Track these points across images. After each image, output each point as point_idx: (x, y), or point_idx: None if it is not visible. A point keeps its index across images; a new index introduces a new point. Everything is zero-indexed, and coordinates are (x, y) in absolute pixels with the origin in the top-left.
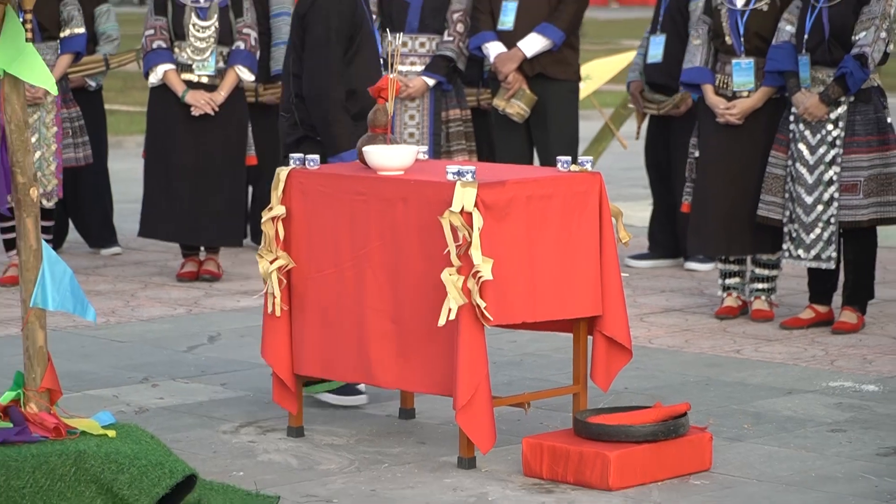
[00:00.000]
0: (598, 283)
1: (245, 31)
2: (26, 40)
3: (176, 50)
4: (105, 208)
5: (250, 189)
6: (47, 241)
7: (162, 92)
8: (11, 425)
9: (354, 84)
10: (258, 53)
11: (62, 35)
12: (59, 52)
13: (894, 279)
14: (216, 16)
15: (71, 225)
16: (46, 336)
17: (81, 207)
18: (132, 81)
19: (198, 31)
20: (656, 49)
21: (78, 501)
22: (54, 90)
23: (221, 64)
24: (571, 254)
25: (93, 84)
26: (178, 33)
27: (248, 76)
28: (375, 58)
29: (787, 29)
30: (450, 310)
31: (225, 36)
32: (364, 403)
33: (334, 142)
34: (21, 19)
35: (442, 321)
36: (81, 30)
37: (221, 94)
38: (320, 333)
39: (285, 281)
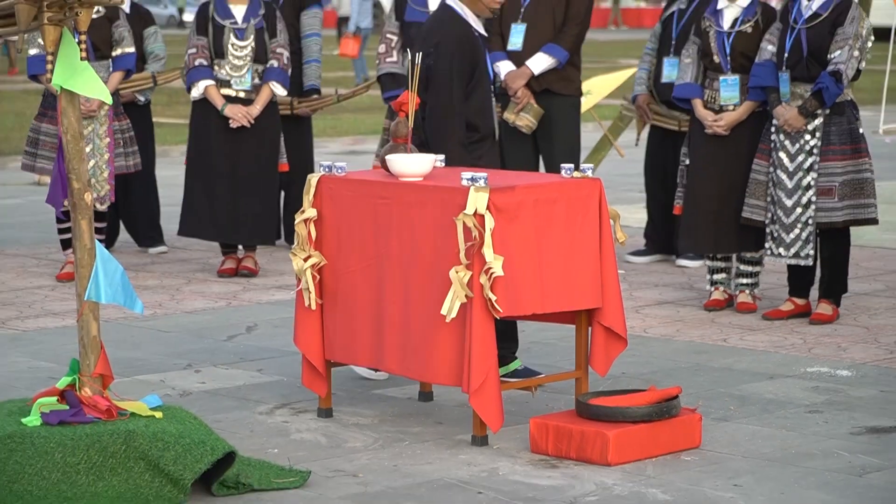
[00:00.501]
0: (598, 279)
1: (278, 50)
2: (81, 59)
3: (216, 67)
4: (152, 211)
5: (282, 193)
6: (100, 240)
7: (203, 105)
8: (68, 407)
9: (472, 117)
10: (290, 70)
11: (114, 54)
12: (111, 69)
13: (866, 275)
14: (252, 36)
15: (122, 226)
16: (99, 326)
17: (131, 210)
18: (177, 97)
19: (236, 50)
20: (671, 70)
21: (128, 476)
22: (109, 100)
23: (257, 80)
24: (574, 252)
25: (142, 99)
26: (218, 52)
27: (280, 91)
28: (488, 91)
29: (768, 48)
30: (452, 303)
31: (260, 55)
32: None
33: None
34: (76, 40)
35: (450, 316)
36: (131, 49)
37: (257, 108)
38: (349, 324)
39: (318, 277)
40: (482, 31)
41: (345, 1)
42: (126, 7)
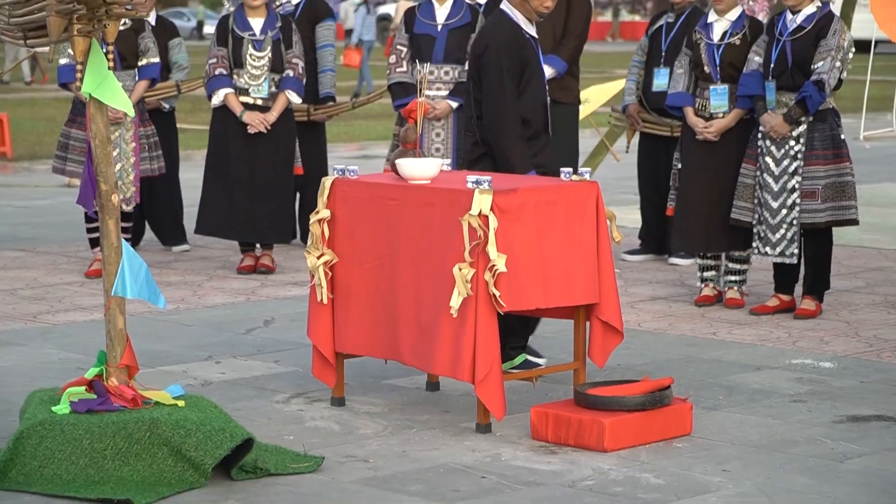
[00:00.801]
0: (596, 276)
1: (294, 60)
2: (108, 68)
3: (234, 76)
4: (176, 212)
5: (298, 195)
6: (126, 239)
7: (223, 112)
8: (95, 396)
9: (526, 113)
10: (305, 80)
11: (140, 64)
12: (137, 78)
13: (847, 272)
14: (269, 47)
15: (147, 226)
16: (125, 320)
17: (156, 211)
18: (199, 104)
19: (254, 60)
20: (661, 80)
21: (152, 462)
22: (131, 112)
23: (273, 88)
24: (573, 250)
25: (167, 106)
26: (237, 62)
27: (296, 99)
28: (541, 88)
29: (755, 59)
30: (458, 297)
31: (277, 64)
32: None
33: (513, 168)
34: (104, 50)
35: (454, 310)
36: (156, 59)
37: (273, 115)
38: (360, 318)
39: (330, 273)
40: (533, 33)
41: (350, 14)
42: (152, 20)
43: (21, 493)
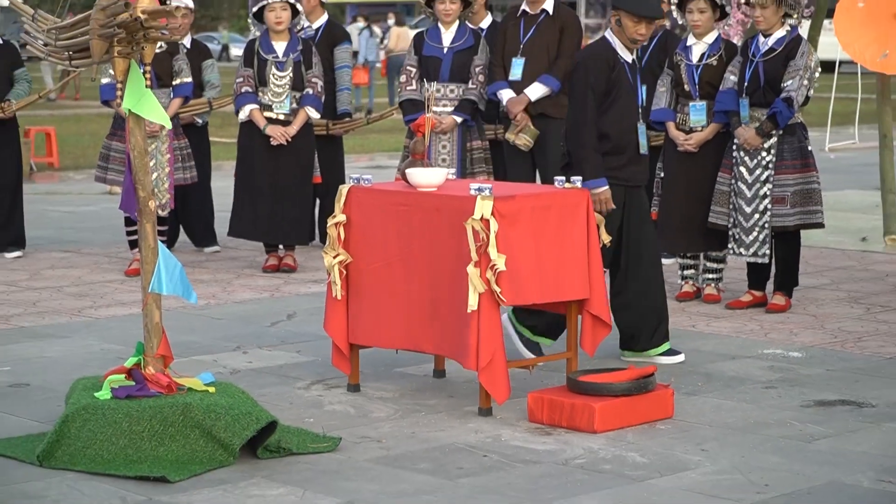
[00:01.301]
0: (586, 273)
1: (313, 80)
2: (146, 87)
3: (259, 93)
4: (207, 216)
5: (318, 201)
6: (162, 241)
7: (249, 126)
8: (134, 383)
9: (607, 128)
10: (323, 97)
11: (174, 83)
12: (171, 96)
13: (814, 271)
14: (291, 68)
15: (181, 229)
16: (161, 314)
17: (189, 216)
18: (229, 119)
19: (276, 79)
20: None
21: (185, 442)
22: (168, 125)
23: (294, 105)
24: (565, 251)
25: (199, 121)
26: (262, 81)
27: (314, 115)
28: (631, 111)
29: (731, 78)
30: (474, 292)
31: (297, 83)
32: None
33: (584, 174)
34: (142, 70)
35: (471, 307)
36: (189, 79)
37: (294, 129)
38: (372, 312)
39: (345, 272)
40: (629, 59)
41: (355, 37)
42: (187, 42)
43: (66, 471)
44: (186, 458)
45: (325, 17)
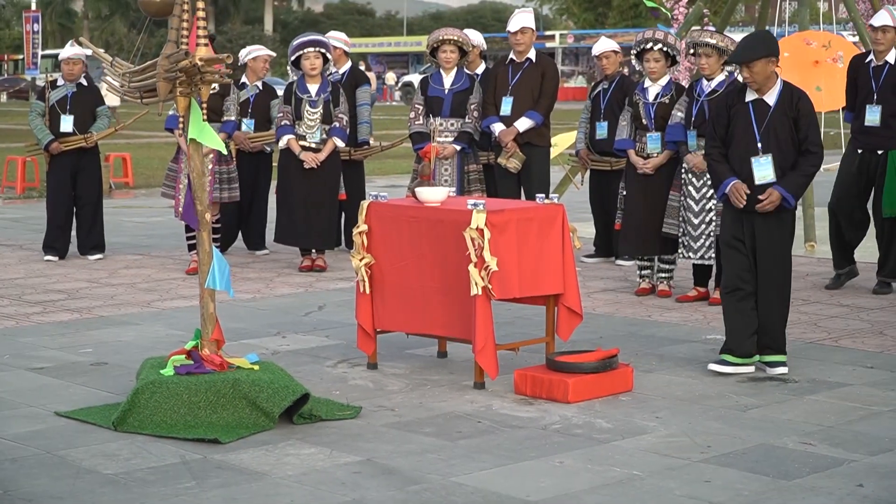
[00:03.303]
0: (561, 273)
1: (339, 115)
2: (203, 119)
3: (296, 126)
4: (262, 226)
5: (343, 214)
6: (216, 246)
7: (287, 152)
8: (193, 362)
9: (726, 150)
10: (348, 129)
11: (221, 120)
12: (218, 131)
13: None
14: (321, 105)
15: (240, 235)
16: (215, 306)
17: (247, 225)
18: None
19: (310, 115)
20: (602, 131)
21: (234, 410)
22: (223, 150)
23: (324, 136)
24: (545, 254)
25: (268, 149)
26: (298, 116)
27: (340, 144)
28: (745, 146)
29: (678, 115)
30: (477, 285)
31: (327, 118)
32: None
33: (714, 181)
34: (200, 106)
35: (473, 292)
36: (232, 118)
37: (323, 155)
38: (392, 303)
39: (369, 271)
40: (752, 97)
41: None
42: (259, 84)
43: (136, 434)
44: (235, 424)
45: (348, 64)
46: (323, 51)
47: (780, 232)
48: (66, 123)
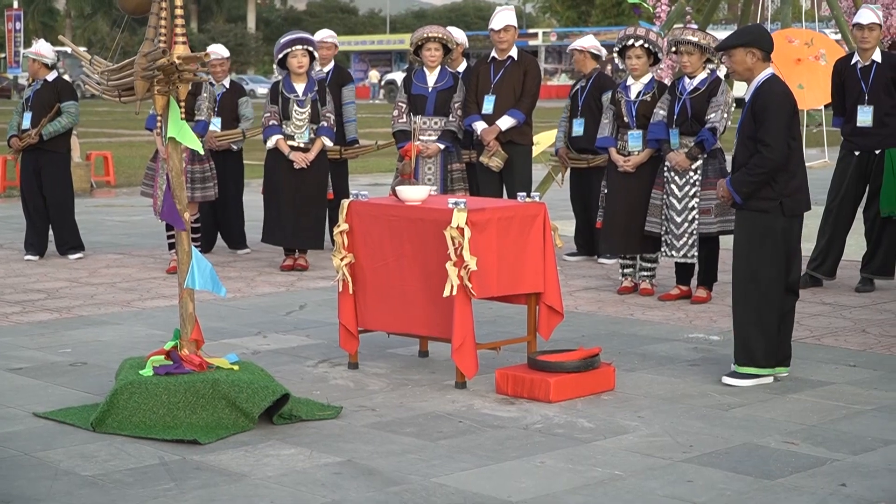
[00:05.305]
0: (542, 271)
1: (327, 114)
2: (181, 118)
3: (283, 126)
4: (240, 225)
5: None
6: (196, 245)
7: (275, 152)
8: (172, 362)
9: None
10: (335, 128)
11: (194, 120)
12: None
13: (730, 269)
14: (309, 105)
15: (219, 235)
16: (195, 305)
17: (226, 224)
18: (258, 145)
19: (298, 115)
20: (579, 128)
21: (213, 411)
22: (200, 150)
23: (312, 135)
24: (525, 252)
25: (235, 147)
26: (285, 115)
27: (328, 143)
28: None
29: (660, 113)
30: (451, 286)
31: (314, 117)
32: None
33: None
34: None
35: (446, 294)
36: (203, 118)
37: (311, 154)
38: (373, 303)
39: (350, 270)
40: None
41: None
42: (227, 83)
43: (115, 435)
44: (214, 424)
45: (332, 63)
46: (310, 49)
47: (740, 233)
48: (26, 120)
